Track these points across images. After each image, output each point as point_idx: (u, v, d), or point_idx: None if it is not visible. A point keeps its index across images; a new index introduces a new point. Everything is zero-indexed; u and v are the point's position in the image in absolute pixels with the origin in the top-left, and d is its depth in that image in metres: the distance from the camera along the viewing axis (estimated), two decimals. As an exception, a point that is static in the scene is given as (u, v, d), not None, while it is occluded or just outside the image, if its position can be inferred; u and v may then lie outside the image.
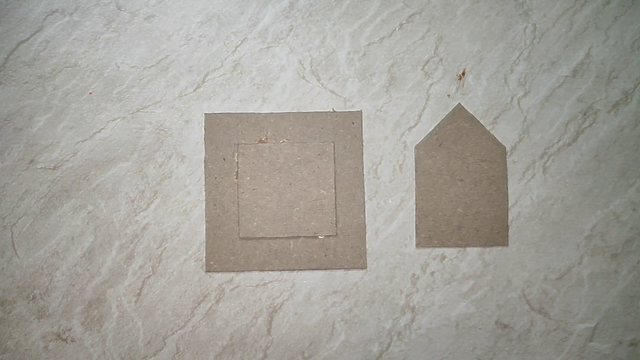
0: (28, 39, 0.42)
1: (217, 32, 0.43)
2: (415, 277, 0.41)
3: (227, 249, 0.39)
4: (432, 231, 0.39)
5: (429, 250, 0.41)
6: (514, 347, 0.40)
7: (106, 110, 0.42)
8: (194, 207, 0.40)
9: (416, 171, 0.37)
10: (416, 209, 0.38)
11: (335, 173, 0.40)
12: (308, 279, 0.40)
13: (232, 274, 0.40)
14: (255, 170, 0.39)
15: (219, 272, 0.40)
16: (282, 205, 0.39)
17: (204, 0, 0.43)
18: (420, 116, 0.41)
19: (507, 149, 0.41)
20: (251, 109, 0.42)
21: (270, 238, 0.40)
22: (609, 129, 0.42)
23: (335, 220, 0.40)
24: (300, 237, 0.40)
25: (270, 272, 0.40)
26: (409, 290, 0.40)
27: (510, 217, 0.41)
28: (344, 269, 0.40)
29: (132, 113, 0.42)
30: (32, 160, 0.41)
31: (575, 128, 0.42)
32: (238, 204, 0.39)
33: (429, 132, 0.36)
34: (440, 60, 0.42)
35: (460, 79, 0.42)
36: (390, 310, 0.40)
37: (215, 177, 0.40)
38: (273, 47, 0.42)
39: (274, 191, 0.39)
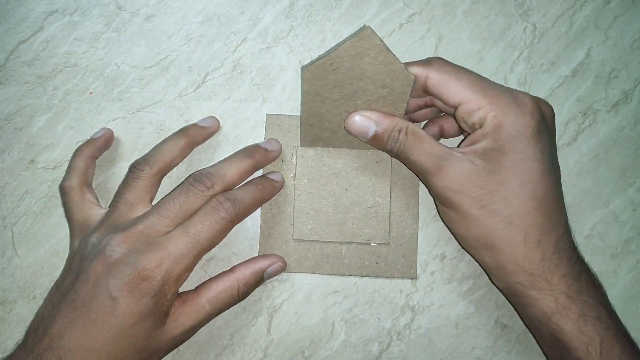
0: (28, 39, 0.42)
1: (217, 32, 0.43)
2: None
3: (280, 250, 0.39)
4: (317, 136, 0.38)
5: (428, 249, 0.41)
6: (513, 347, 0.40)
7: (106, 110, 0.42)
8: (194, 207, 0.40)
9: (303, 92, 0.34)
10: (301, 119, 0.37)
11: (391, 182, 0.39)
12: (308, 279, 0.40)
13: (232, 274, 0.40)
14: (313, 174, 0.39)
15: None
16: (337, 210, 0.39)
17: (204, 1, 0.43)
18: (420, 116, 0.41)
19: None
20: (251, 108, 0.42)
21: (323, 242, 0.39)
22: (608, 129, 0.42)
23: (389, 229, 0.39)
24: (353, 243, 0.39)
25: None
26: (408, 290, 0.40)
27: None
28: (394, 277, 0.40)
29: (133, 113, 0.42)
30: (32, 160, 0.41)
31: (575, 128, 0.42)
32: (294, 206, 0.39)
33: (323, 56, 0.33)
34: (440, 60, 0.42)
35: (460, 79, 0.42)
36: (390, 310, 0.40)
37: None
38: (273, 47, 0.42)
39: (330, 195, 0.39)
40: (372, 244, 0.40)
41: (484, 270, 0.38)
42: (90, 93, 0.42)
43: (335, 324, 0.40)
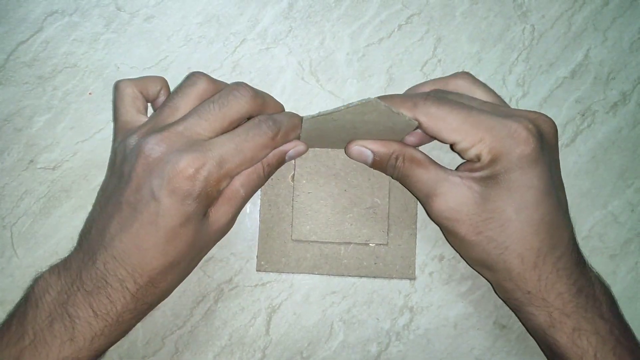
0: (28, 39, 0.42)
1: (217, 33, 0.43)
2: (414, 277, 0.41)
3: (279, 250, 0.39)
4: (316, 146, 0.39)
5: (427, 250, 0.41)
6: (513, 347, 0.40)
7: (106, 111, 0.42)
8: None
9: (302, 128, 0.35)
10: (300, 136, 0.37)
11: (389, 182, 0.39)
12: (306, 279, 0.41)
13: (231, 274, 0.40)
14: (312, 174, 0.39)
15: (269, 272, 0.40)
16: (335, 210, 0.39)
17: (204, 2, 0.43)
18: (419, 117, 0.41)
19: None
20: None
21: (322, 242, 0.40)
22: (607, 130, 0.42)
23: (387, 230, 0.39)
24: (352, 243, 0.39)
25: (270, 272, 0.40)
26: (407, 290, 0.40)
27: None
28: (393, 278, 0.40)
29: (132, 113, 0.41)
30: (31, 161, 0.41)
31: (574, 129, 0.42)
32: (292, 207, 0.39)
33: (323, 114, 0.33)
34: (439, 61, 0.42)
35: (458, 80, 0.42)
36: (389, 311, 0.40)
37: (272, 179, 0.40)
38: (272, 48, 0.42)
39: (329, 196, 0.39)
40: (370, 245, 0.40)
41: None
42: (90, 93, 0.42)
43: (334, 324, 0.40)
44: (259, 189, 0.40)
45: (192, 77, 0.36)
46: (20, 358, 0.30)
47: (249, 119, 0.35)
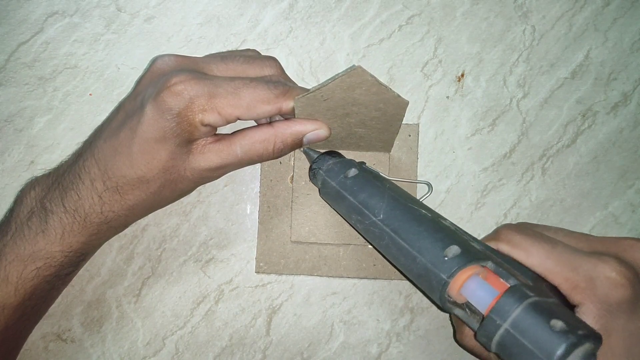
0: (28, 40, 0.42)
1: (217, 34, 0.43)
2: (414, 278, 0.41)
3: (277, 252, 0.39)
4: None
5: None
6: (513, 348, 0.40)
7: (106, 112, 0.42)
8: (193, 208, 0.40)
9: (295, 114, 0.34)
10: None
11: (388, 184, 0.40)
12: (307, 280, 0.41)
13: (232, 275, 0.40)
14: None
15: (268, 273, 0.40)
16: (334, 212, 0.39)
17: (204, 2, 0.43)
18: (419, 117, 0.41)
19: (506, 150, 0.41)
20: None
21: (320, 244, 0.39)
22: (608, 130, 0.42)
23: None
24: (351, 245, 0.39)
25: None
26: (407, 291, 0.40)
27: (509, 219, 0.41)
28: (391, 279, 0.40)
29: (132, 114, 0.41)
30: (32, 162, 0.41)
31: (574, 130, 0.42)
32: (291, 208, 0.39)
33: (314, 90, 0.32)
34: (440, 62, 0.42)
35: (459, 80, 0.42)
36: (389, 312, 0.40)
37: (271, 180, 0.40)
38: (272, 49, 0.42)
39: None
40: (369, 246, 0.40)
41: None
42: (90, 94, 0.42)
43: (335, 325, 0.40)
44: (261, 192, 0.40)
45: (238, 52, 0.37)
46: (2, 252, 0.32)
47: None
